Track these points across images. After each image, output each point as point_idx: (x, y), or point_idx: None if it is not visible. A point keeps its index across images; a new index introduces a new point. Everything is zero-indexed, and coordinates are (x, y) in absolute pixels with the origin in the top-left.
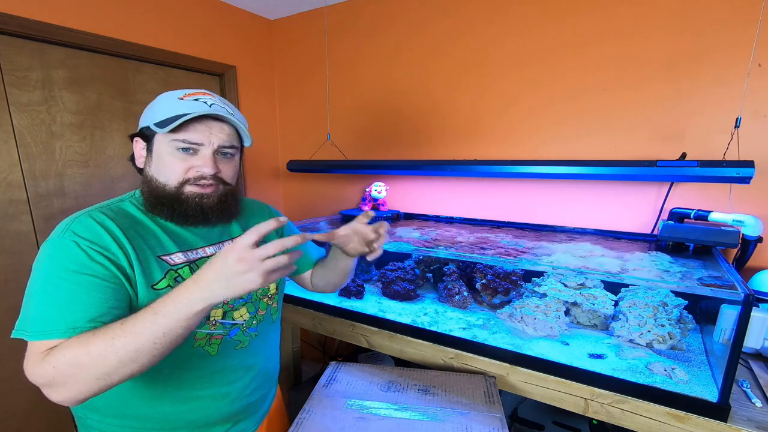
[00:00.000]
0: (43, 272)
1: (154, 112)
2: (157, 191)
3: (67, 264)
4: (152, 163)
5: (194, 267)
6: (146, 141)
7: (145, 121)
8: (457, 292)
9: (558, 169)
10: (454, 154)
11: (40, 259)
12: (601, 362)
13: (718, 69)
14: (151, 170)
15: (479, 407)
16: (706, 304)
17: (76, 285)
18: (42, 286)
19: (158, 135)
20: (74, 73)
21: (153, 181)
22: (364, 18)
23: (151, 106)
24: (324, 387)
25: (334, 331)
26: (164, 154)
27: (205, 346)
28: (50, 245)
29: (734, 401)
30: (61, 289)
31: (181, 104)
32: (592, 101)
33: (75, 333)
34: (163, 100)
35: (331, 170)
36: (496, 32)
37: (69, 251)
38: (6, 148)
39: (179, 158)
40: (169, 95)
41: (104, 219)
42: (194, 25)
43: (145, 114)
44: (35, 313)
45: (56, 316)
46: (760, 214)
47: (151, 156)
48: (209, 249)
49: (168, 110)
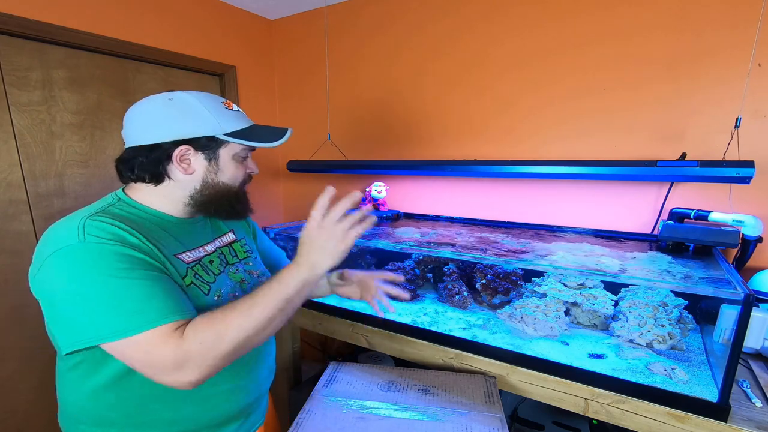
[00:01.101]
0: (93, 278)
1: (219, 122)
2: (222, 193)
3: (116, 264)
4: (217, 170)
5: (205, 265)
6: (202, 149)
7: (200, 130)
8: (457, 292)
9: (558, 169)
10: (454, 154)
11: (73, 269)
12: (601, 362)
13: (718, 69)
14: (216, 176)
15: (479, 407)
16: (706, 304)
17: (143, 280)
18: (103, 289)
19: (230, 144)
20: (74, 73)
21: (216, 185)
22: (364, 18)
23: (195, 115)
24: (324, 387)
25: (334, 331)
26: (231, 161)
27: None
28: (73, 253)
29: (734, 401)
30: (132, 287)
31: (236, 115)
32: (592, 101)
33: (191, 314)
34: (216, 110)
35: (331, 170)
36: (496, 32)
37: (105, 252)
38: (6, 148)
39: (241, 162)
40: (214, 103)
41: (111, 220)
42: (194, 25)
43: (187, 123)
44: (124, 311)
45: (157, 305)
46: (760, 214)
47: (216, 163)
48: (208, 247)
49: (234, 121)
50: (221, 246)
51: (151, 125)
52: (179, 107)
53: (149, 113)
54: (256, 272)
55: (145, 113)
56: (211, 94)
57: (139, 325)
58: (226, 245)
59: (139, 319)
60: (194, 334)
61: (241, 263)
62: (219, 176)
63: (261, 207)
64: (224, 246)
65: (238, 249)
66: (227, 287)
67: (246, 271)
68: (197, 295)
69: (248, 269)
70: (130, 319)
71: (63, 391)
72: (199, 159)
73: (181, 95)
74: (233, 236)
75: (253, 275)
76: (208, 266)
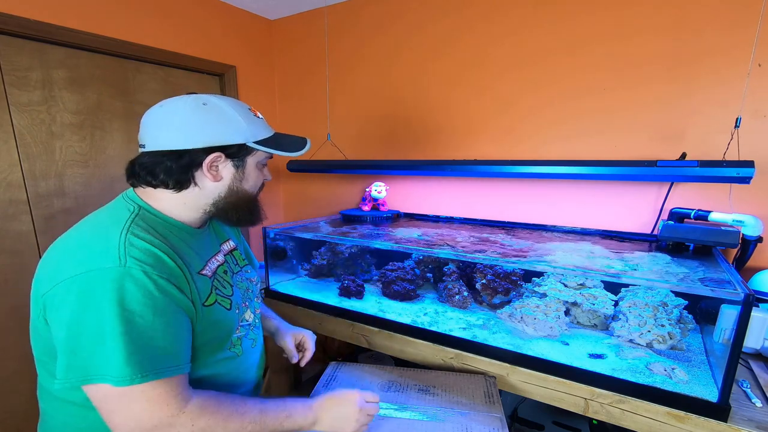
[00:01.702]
0: (121, 312)
1: (250, 129)
2: (244, 200)
3: (147, 301)
4: (242, 177)
5: (220, 277)
6: (232, 157)
7: (234, 137)
8: (457, 292)
9: (558, 169)
10: (454, 154)
11: (106, 298)
12: (601, 362)
13: (718, 69)
14: (240, 183)
15: (479, 407)
16: (706, 304)
17: (166, 321)
18: (127, 326)
19: (257, 152)
20: (74, 73)
21: (240, 192)
22: (364, 18)
23: (229, 121)
24: (324, 387)
25: (334, 331)
26: (254, 168)
27: (234, 348)
28: (111, 279)
29: (734, 401)
30: (155, 327)
31: (262, 123)
32: (592, 101)
33: (187, 368)
34: (247, 117)
35: (331, 170)
36: (496, 32)
37: (145, 285)
38: (6, 148)
39: (260, 170)
40: (244, 110)
41: (150, 238)
42: (194, 25)
43: (222, 129)
44: (139, 355)
45: (166, 353)
46: (760, 214)
47: (243, 170)
48: (219, 256)
49: (262, 129)
50: (227, 253)
51: (183, 129)
52: (214, 113)
53: (181, 117)
54: (254, 279)
55: (176, 117)
56: (238, 101)
57: (155, 373)
58: (229, 253)
59: (154, 367)
60: (191, 414)
61: (242, 271)
62: (243, 183)
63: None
64: (228, 253)
65: (237, 256)
66: (239, 298)
67: (247, 279)
68: (220, 312)
69: (248, 277)
70: (146, 365)
71: (46, 404)
72: (228, 166)
73: (214, 101)
74: (233, 243)
75: (252, 283)
76: (224, 277)
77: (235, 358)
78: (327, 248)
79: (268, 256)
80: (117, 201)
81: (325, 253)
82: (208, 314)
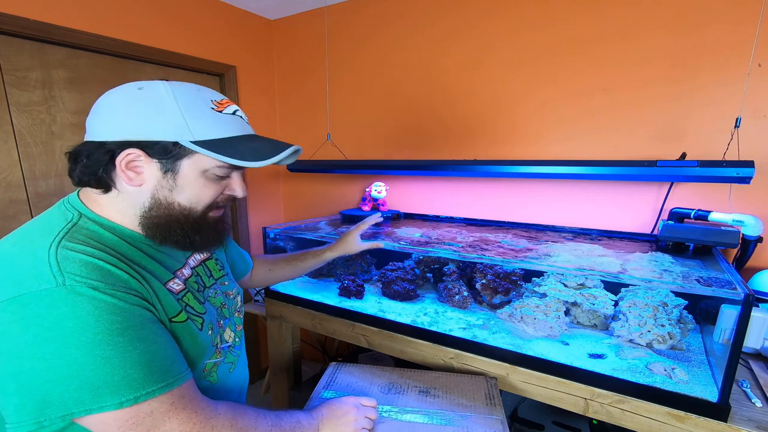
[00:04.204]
0: (78, 338)
1: (188, 124)
2: (175, 217)
3: (107, 323)
4: (173, 186)
5: (192, 291)
6: (158, 156)
7: (158, 132)
8: (457, 292)
9: (558, 169)
10: (454, 153)
11: (51, 325)
12: (601, 362)
13: (718, 69)
14: (170, 193)
15: (480, 409)
16: (706, 304)
17: (141, 341)
18: (90, 357)
19: (198, 156)
20: (74, 73)
21: (170, 205)
22: (364, 18)
23: (160, 111)
24: (324, 388)
25: (334, 331)
26: (197, 177)
27: (208, 377)
28: (50, 302)
29: (734, 401)
30: (128, 348)
31: (224, 120)
32: (591, 101)
33: (189, 376)
34: (193, 108)
35: (331, 170)
36: (496, 32)
37: (96, 304)
38: (6, 148)
39: (214, 181)
40: (195, 100)
41: (90, 249)
42: (194, 25)
43: (145, 120)
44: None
45: (159, 368)
46: (760, 214)
47: (174, 176)
48: (186, 270)
49: (216, 127)
50: (196, 265)
51: (106, 117)
52: (144, 100)
53: (109, 102)
54: (232, 293)
55: (106, 102)
56: (202, 88)
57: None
58: (200, 263)
59: (142, 384)
60: (231, 418)
61: (217, 284)
62: (174, 194)
63: (261, 207)
64: (199, 265)
65: (212, 267)
66: (212, 316)
67: (223, 293)
68: (191, 332)
69: (225, 290)
70: (128, 385)
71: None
72: (152, 169)
73: (156, 85)
74: (205, 253)
75: (230, 297)
76: (195, 292)
77: (208, 388)
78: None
79: None
80: (54, 208)
81: None
82: (177, 332)
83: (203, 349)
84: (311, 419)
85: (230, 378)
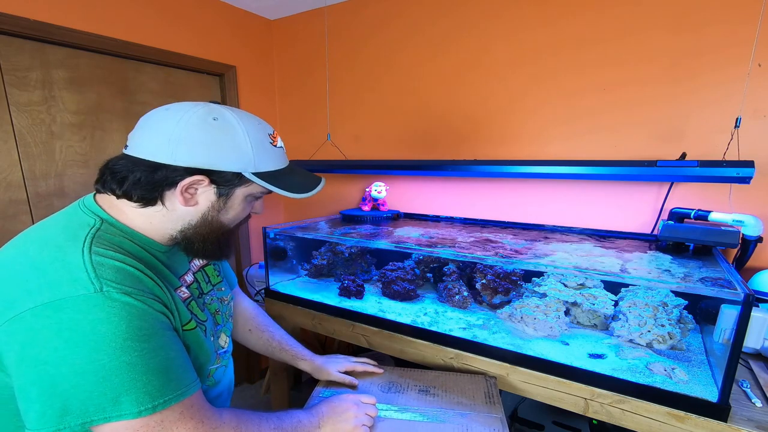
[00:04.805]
0: (121, 344)
1: (255, 159)
2: (216, 232)
3: (141, 324)
4: (222, 208)
5: (195, 298)
6: (218, 184)
7: (231, 164)
8: (457, 292)
9: (558, 169)
10: (454, 153)
11: (89, 327)
12: (601, 362)
13: (718, 69)
14: (218, 214)
15: (479, 408)
16: (706, 304)
17: (166, 339)
18: (130, 356)
19: (252, 184)
20: (74, 73)
21: (214, 223)
22: (363, 18)
23: (233, 145)
24: (324, 388)
25: (334, 331)
26: (242, 200)
27: (208, 381)
28: (90, 308)
29: (734, 401)
30: (150, 357)
31: (276, 153)
32: (591, 101)
33: (199, 385)
34: (258, 144)
35: (331, 170)
36: (495, 32)
37: (129, 310)
38: (6, 148)
39: (249, 202)
40: (260, 135)
41: (121, 256)
42: (194, 25)
43: (220, 152)
44: (143, 386)
45: (178, 372)
46: (760, 214)
47: (225, 200)
48: (188, 276)
49: (272, 160)
50: (196, 270)
51: (173, 141)
52: (220, 131)
53: (178, 126)
54: (226, 298)
55: (173, 125)
56: (260, 121)
57: (168, 399)
58: (200, 269)
59: (165, 391)
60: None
61: (214, 290)
62: (221, 215)
63: None
64: (198, 270)
65: (210, 273)
66: (211, 323)
67: (219, 299)
68: (199, 339)
69: (220, 296)
70: (148, 393)
71: None
72: (209, 193)
73: (229, 117)
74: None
75: (224, 303)
76: (196, 299)
77: (206, 391)
78: (327, 248)
79: (268, 256)
80: (71, 211)
81: (325, 253)
82: (189, 340)
83: (209, 355)
84: (312, 417)
85: (223, 379)
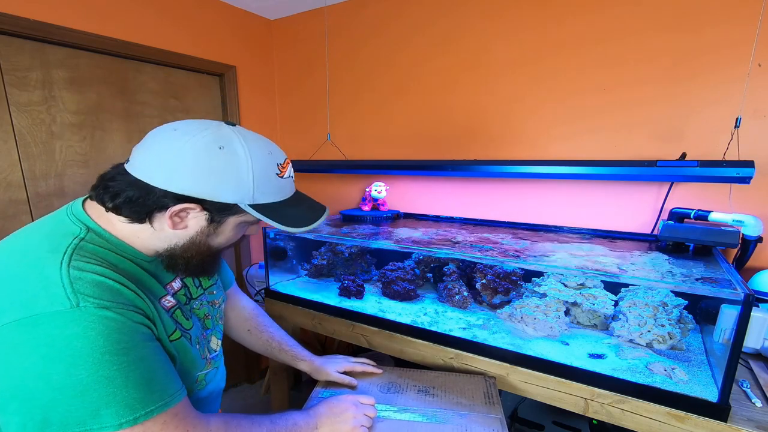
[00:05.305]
0: (86, 360)
1: (254, 192)
2: (203, 255)
3: (119, 337)
4: (212, 233)
5: (181, 306)
6: (210, 211)
7: (227, 196)
8: (457, 292)
9: (558, 169)
10: (455, 153)
11: (66, 348)
12: (601, 362)
13: (718, 69)
14: (207, 239)
15: (479, 408)
16: (706, 304)
17: (147, 349)
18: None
19: (247, 214)
20: (74, 73)
21: (202, 246)
22: (364, 18)
23: (234, 178)
24: (324, 388)
25: (334, 331)
26: (234, 227)
27: (199, 386)
28: (65, 326)
29: (734, 401)
30: (129, 370)
31: (280, 185)
32: (591, 101)
33: (184, 394)
34: (262, 176)
35: (331, 170)
36: (496, 32)
37: (106, 324)
38: (6, 148)
39: (243, 228)
40: (267, 163)
41: (101, 269)
42: (194, 25)
43: (218, 184)
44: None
45: (160, 385)
46: (760, 214)
47: (217, 226)
48: (176, 283)
49: (273, 193)
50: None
51: (170, 165)
52: (221, 161)
53: (179, 151)
54: (218, 301)
55: (174, 148)
56: (271, 150)
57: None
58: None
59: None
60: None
61: (205, 293)
62: (210, 239)
63: None
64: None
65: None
66: (198, 330)
67: (209, 303)
68: (186, 348)
69: (211, 299)
70: (128, 406)
71: None
72: (199, 218)
73: (236, 146)
74: None
75: (215, 306)
76: (182, 307)
77: (198, 394)
78: (327, 248)
79: (268, 256)
80: (58, 218)
81: (325, 253)
82: (175, 350)
83: (196, 363)
84: (309, 418)
85: (214, 381)
